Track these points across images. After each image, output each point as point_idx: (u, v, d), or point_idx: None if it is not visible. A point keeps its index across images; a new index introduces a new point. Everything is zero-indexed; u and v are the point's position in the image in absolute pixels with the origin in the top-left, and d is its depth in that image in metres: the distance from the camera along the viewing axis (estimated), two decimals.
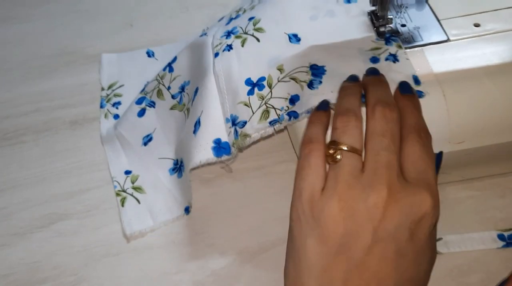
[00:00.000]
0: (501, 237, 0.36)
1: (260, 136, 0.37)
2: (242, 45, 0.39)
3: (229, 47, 0.39)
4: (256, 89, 0.37)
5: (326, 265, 0.27)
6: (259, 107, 0.37)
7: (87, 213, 0.42)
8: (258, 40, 0.39)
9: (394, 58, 0.36)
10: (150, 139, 0.43)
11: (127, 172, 0.43)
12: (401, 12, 0.40)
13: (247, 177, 0.42)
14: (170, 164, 0.43)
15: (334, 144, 0.30)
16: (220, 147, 0.37)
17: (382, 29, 0.38)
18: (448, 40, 0.37)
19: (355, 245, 0.27)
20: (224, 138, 0.37)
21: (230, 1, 0.52)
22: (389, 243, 0.27)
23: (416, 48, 0.37)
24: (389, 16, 0.38)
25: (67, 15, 0.59)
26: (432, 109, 0.34)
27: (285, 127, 0.43)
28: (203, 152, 0.37)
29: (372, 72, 0.34)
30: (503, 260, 0.35)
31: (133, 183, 0.42)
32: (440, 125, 0.34)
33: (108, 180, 0.43)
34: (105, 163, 0.44)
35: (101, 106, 0.48)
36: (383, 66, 0.36)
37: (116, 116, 0.47)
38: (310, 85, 0.36)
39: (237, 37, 0.40)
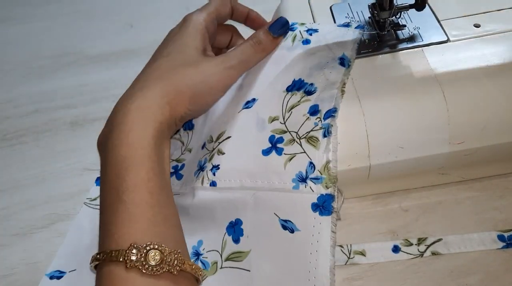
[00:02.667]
0: (501, 237, 0.36)
1: (337, 157, 0.32)
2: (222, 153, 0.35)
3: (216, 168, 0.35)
4: (276, 145, 0.34)
5: None
6: (294, 153, 0.33)
7: None
8: (229, 137, 0.35)
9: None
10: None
11: None
12: (401, 12, 0.40)
13: None
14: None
15: None
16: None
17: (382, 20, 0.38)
18: (448, 40, 0.37)
19: None
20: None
21: None
22: None
23: (416, 49, 0.37)
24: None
25: (68, 16, 0.60)
26: (432, 110, 0.34)
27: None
28: None
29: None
30: (503, 261, 0.35)
31: None
32: (440, 126, 0.34)
33: None
34: None
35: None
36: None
37: None
38: (308, 93, 0.35)
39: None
